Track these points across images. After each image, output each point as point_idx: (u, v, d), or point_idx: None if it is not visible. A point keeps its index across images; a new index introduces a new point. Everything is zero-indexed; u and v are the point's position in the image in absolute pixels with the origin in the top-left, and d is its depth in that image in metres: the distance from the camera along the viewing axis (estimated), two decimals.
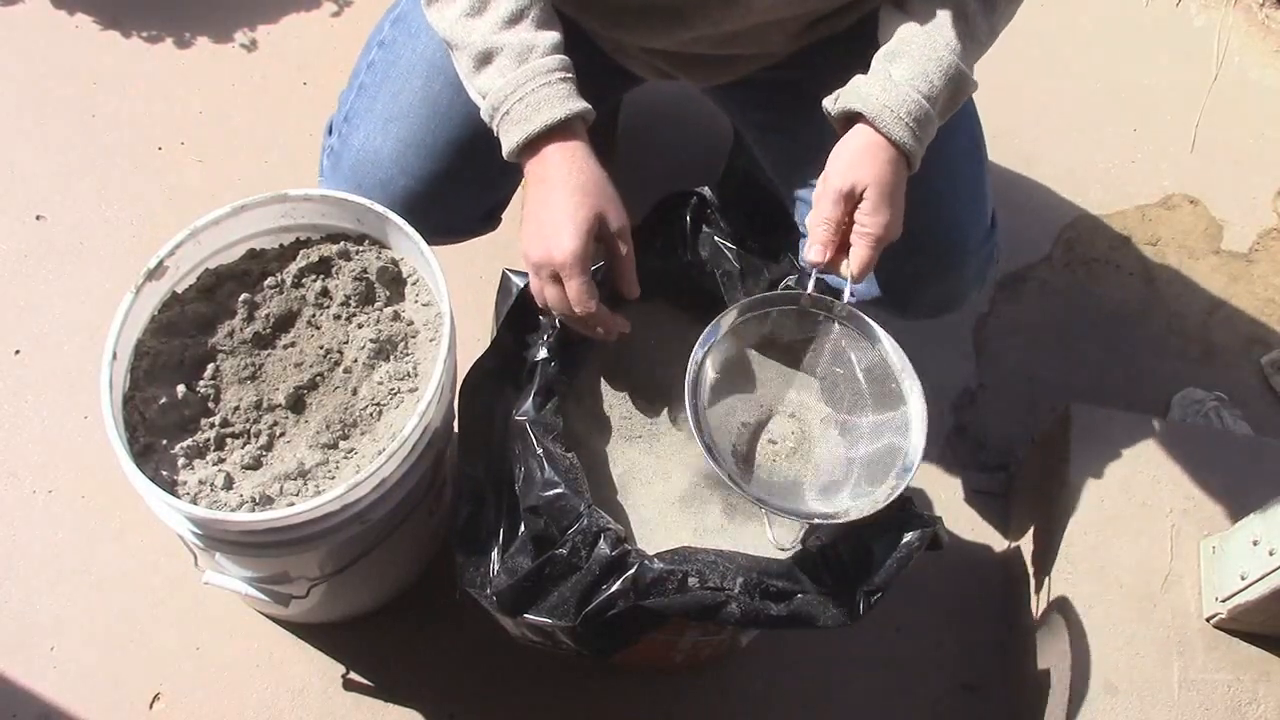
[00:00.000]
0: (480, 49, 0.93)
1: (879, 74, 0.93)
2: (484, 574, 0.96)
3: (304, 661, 1.27)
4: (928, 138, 0.94)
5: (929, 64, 0.92)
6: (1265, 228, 1.76)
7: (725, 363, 0.97)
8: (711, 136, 1.62)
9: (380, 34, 1.14)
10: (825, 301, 0.96)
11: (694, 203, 1.09)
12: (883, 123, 0.91)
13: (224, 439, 0.98)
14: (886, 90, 0.92)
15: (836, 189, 0.91)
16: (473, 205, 1.15)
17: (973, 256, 1.11)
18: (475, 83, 0.95)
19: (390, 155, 1.06)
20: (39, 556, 1.30)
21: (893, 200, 0.92)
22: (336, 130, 1.13)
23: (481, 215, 1.18)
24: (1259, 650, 1.19)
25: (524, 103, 0.91)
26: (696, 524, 1.00)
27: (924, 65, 0.92)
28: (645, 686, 1.29)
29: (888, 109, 0.91)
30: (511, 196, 1.24)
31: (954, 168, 1.09)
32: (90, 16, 1.72)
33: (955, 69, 0.93)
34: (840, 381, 0.98)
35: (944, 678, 1.34)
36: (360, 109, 1.10)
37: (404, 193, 1.06)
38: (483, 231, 1.20)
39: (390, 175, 1.06)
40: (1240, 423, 1.51)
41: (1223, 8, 2.00)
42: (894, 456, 0.92)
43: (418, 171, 1.07)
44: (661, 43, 1.08)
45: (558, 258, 0.90)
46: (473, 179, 1.10)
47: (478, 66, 0.94)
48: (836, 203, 0.92)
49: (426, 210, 1.06)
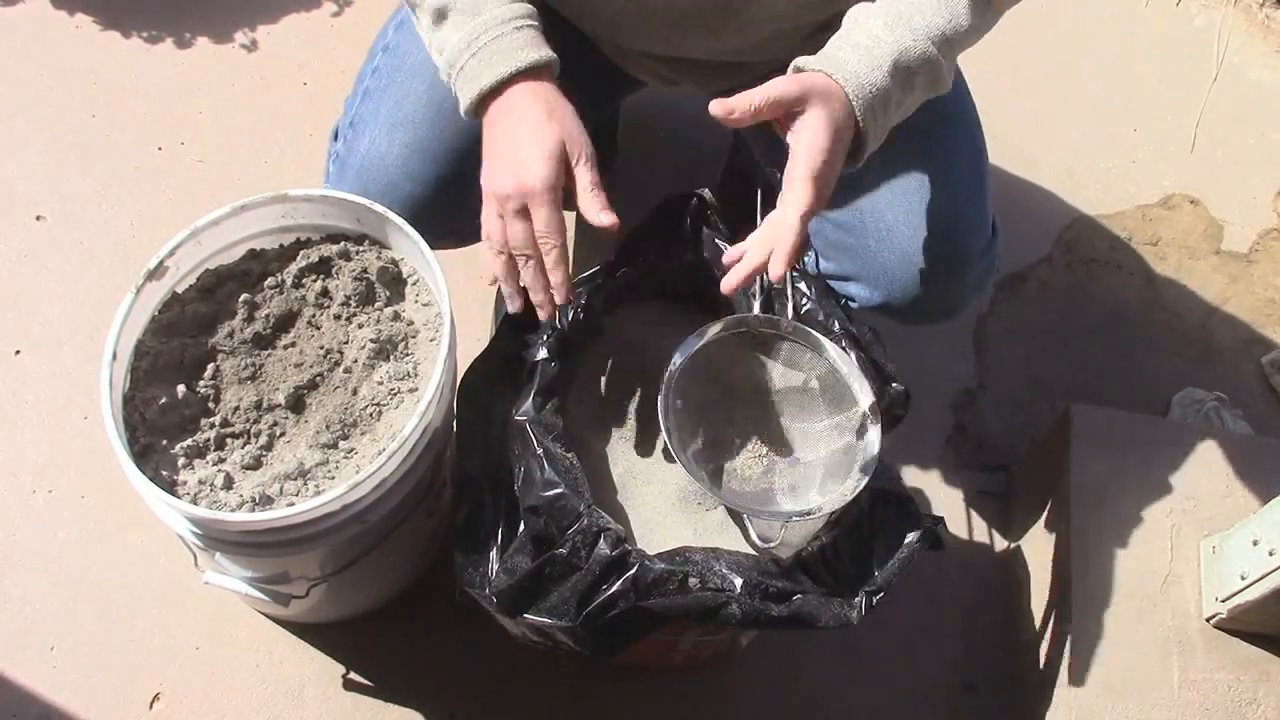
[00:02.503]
0: (437, 4, 0.90)
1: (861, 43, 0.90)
2: (484, 574, 0.96)
3: (304, 661, 1.27)
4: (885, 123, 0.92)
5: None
6: (1265, 228, 1.76)
7: (699, 378, 0.99)
8: (711, 137, 1.62)
9: (384, 39, 1.14)
10: (773, 320, 0.99)
11: (694, 204, 1.09)
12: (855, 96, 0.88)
13: (224, 439, 0.98)
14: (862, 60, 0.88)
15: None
16: (479, 209, 1.15)
17: (973, 266, 1.11)
18: (433, 40, 0.91)
19: (396, 161, 1.06)
20: (39, 556, 1.30)
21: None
22: (342, 136, 1.13)
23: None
24: (1259, 650, 1.19)
25: (478, 57, 0.88)
26: (696, 524, 1.00)
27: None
28: (645, 686, 1.29)
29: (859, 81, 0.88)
30: None
31: (956, 178, 1.09)
32: (90, 16, 1.72)
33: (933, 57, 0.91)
34: (796, 393, 1.00)
35: (944, 678, 1.34)
36: (365, 115, 1.10)
37: (410, 198, 1.06)
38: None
39: (396, 180, 1.06)
40: (1240, 423, 1.51)
41: (1223, 8, 2.00)
42: (854, 453, 0.94)
43: (424, 176, 1.06)
44: (661, 49, 1.08)
45: (528, 183, 0.87)
46: (479, 183, 1.10)
47: (435, 22, 0.91)
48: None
49: (433, 215, 1.06)
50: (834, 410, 0.98)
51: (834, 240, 1.13)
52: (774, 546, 0.93)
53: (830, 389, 0.99)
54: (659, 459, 1.02)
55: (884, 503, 0.97)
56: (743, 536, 0.98)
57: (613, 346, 1.05)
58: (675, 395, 0.95)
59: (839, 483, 0.94)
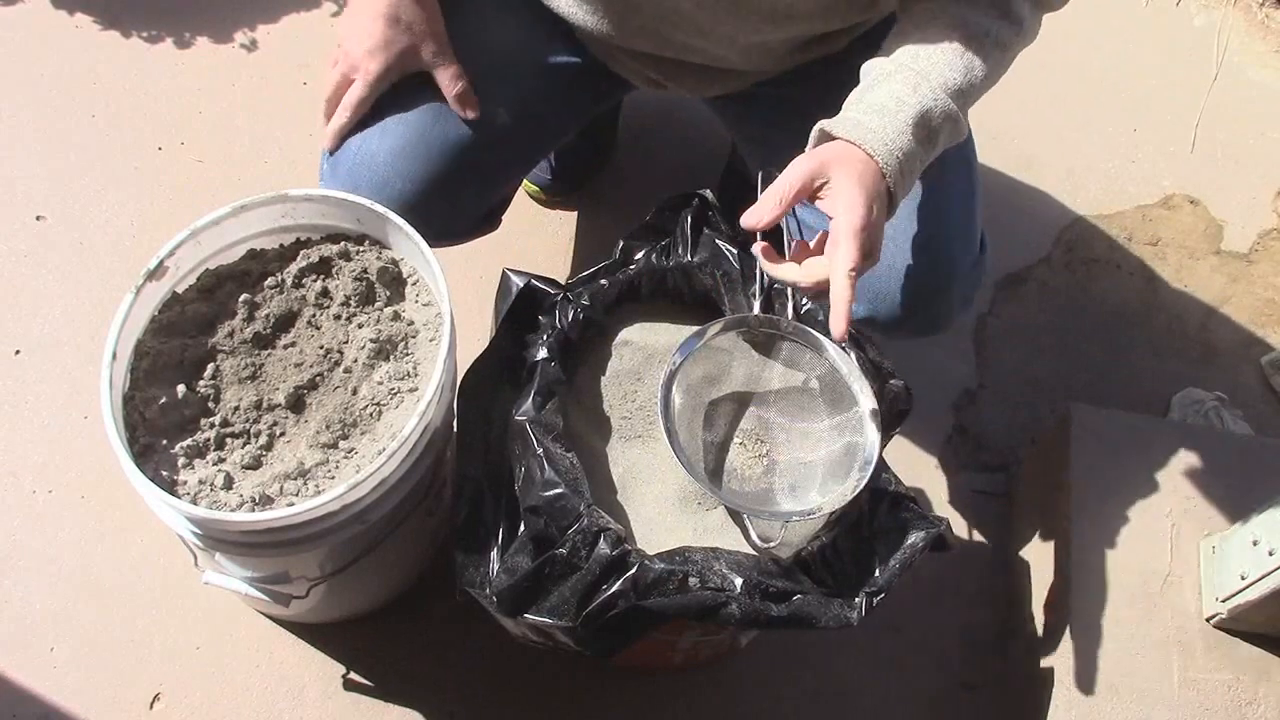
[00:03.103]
0: None
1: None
2: (484, 574, 0.96)
3: (304, 661, 1.27)
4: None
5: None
6: (1265, 228, 1.76)
7: (699, 378, 0.99)
8: (712, 138, 1.63)
9: None
10: (773, 320, 1.00)
11: (694, 204, 1.09)
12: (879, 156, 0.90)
13: (224, 439, 0.98)
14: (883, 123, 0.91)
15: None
16: (471, 207, 1.15)
17: (961, 282, 1.11)
18: None
19: (387, 159, 1.06)
20: (39, 556, 1.30)
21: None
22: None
23: (481, 217, 1.18)
24: (1259, 650, 1.19)
25: None
26: (696, 524, 1.00)
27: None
28: (645, 686, 1.29)
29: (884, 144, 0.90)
30: (511, 197, 1.24)
31: (945, 193, 1.09)
32: (90, 16, 1.72)
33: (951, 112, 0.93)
34: (796, 393, 1.01)
35: (944, 678, 1.34)
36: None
37: (401, 196, 1.06)
38: (483, 233, 1.20)
39: (387, 178, 1.06)
40: (1240, 423, 1.51)
41: (1223, 8, 2.00)
42: (853, 453, 0.95)
43: (414, 174, 1.07)
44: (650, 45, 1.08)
45: (361, 66, 1.04)
46: (470, 181, 1.10)
47: None
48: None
49: (425, 213, 1.06)
50: (834, 410, 0.99)
51: None
52: (774, 546, 0.93)
53: (830, 389, 0.99)
54: (659, 459, 1.02)
55: (884, 503, 0.97)
56: (743, 536, 0.98)
57: (613, 346, 1.05)
58: (675, 395, 0.95)
59: (839, 483, 0.94)
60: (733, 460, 0.99)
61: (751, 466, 0.99)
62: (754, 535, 0.94)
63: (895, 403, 1.01)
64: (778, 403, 1.01)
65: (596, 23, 1.08)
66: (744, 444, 1.00)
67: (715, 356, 1.00)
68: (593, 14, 1.07)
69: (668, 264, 1.07)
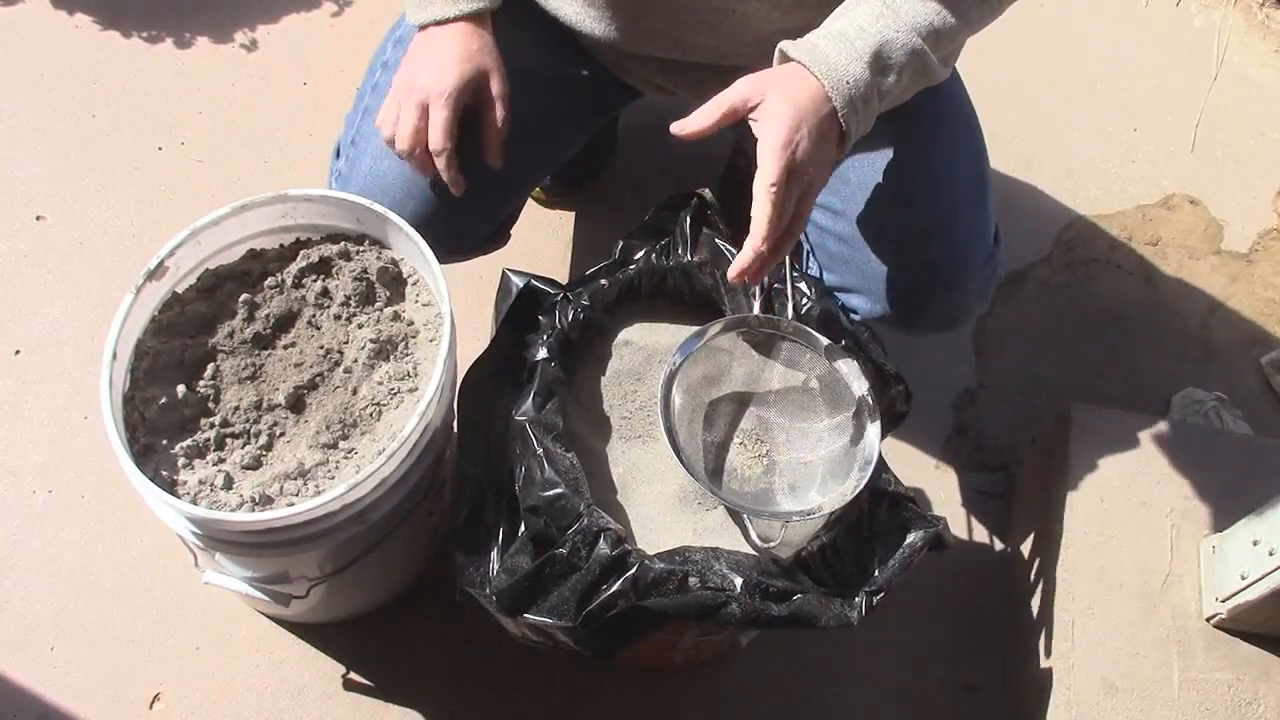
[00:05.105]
0: None
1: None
2: (484, 574, 0.96)
3: (304, 661, 1.27)
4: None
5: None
6: (1265, 228, 1.76)
7: (699, 378, 0.99)
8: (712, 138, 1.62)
9: (383, 55, 1.14)
10: (773, 320, 1.00)
11: (694, 204, 1.09)
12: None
13: (224, 439, 0.98)
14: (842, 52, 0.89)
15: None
16: (481, 224, 1.15)
17: (976, 274, 1.10)
18: None
19: (398, 180, 1.07)
20: (39, 556, 1.30)
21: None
22: (344, 154, 1.13)
23: (490, 233, 1.18)
24: (1259, 650, 1.19)
25: None
26: (696, 524, 1.00)
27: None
28: (645, 686, 1.29)
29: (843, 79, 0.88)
30: (519, 213, 1.24)
31: (957, 187, 1.09)
32: (90, 16, 1.72)
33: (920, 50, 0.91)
34: (796, 393, 1.01)
35: (944, 678, 1.34)
36: (366, 132, 1.10)
37: (412, 216, 1.06)
38: (492, 248, 1.21)
39: (398, 199, 1.06)
40: (1240, 423, 1.51)
41: (1223, 8, 2.00)
42: (853, 453, 0.95)
43: (425, 194, 1.07)
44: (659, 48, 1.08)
45: (435, 86, 0.97)
46: (480, 199, 1.10)
47: None
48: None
49: (435, 231, 1.06)
50: (834, 410, 0.99)
51: (835, 253, 1.13)
52: (774, 546, 0.93)
53: (830, 389, 0.99)
54: (659, 459, 1.02)
55: (884, 502, 0.97)
56: (743, 536, 0.98)
57: (613, 346, 1.05)
58: (675, 395, 0.95)
59: (839, 483, 0.94)
60: (733, 460, 0.99)
61: (751, 466, 0.99)
62: (754, 535, 0.94)
63: (894, 403, 1.01)
64: (778, 403, 1.01)
65: (606, 29, 1.08)
66: (744, 444, 1.00)
67: (715, 356, 1.00)
68: (601, 20, 1.07)
69: (667, 264, 1.07)
